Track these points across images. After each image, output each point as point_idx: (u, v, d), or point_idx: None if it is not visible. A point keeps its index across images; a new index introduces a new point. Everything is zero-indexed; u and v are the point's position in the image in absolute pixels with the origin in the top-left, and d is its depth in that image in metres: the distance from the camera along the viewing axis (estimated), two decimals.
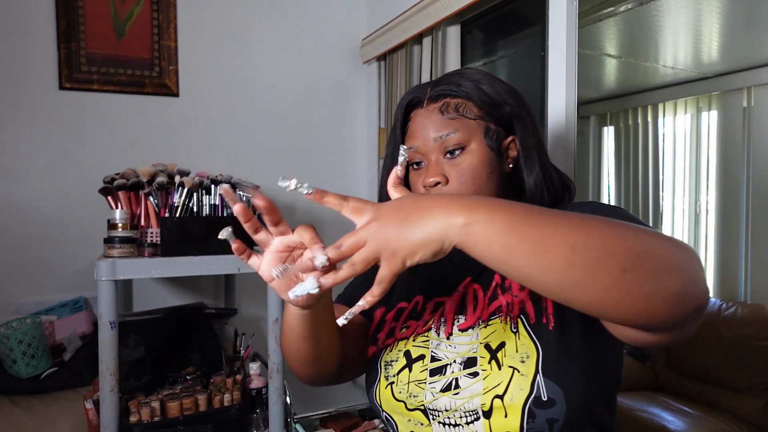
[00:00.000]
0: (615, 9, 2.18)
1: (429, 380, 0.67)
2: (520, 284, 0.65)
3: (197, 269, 1.24)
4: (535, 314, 0.66)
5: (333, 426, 1.50)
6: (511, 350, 0.64)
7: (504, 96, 0.75)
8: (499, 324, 0.67)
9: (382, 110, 2.23)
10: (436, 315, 0.73)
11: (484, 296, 0.71)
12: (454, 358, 0.67)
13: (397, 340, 0.75)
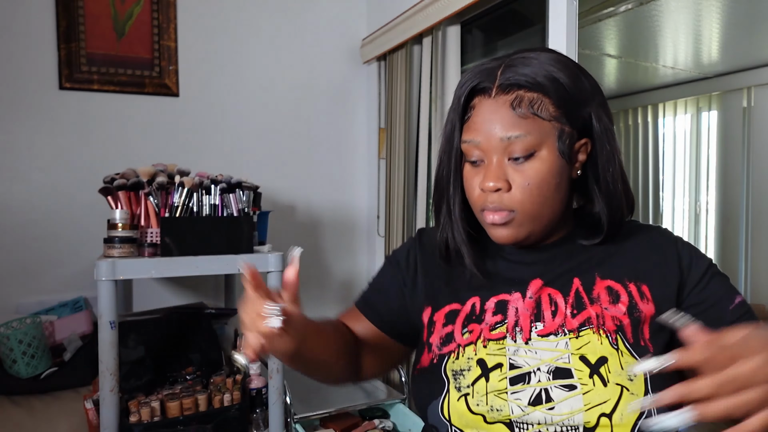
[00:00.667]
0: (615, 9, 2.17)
1: (510, 389, 0.62)
2: (611, 293, 0.65)
3: (197, 269, 1.24)
4: (633, 335, 0.63)
5: (333, 426, 1.50)
6: (615, 367, 0.60)
7: (586, 93, 0.66)
8: (593, 336, 0.63)
9: (382, 110, 2.23)
10: (510, 320, 0.67)
11: (565, 303, 0.66)
12: (536, 365, 0.62)
13: (461, 347, 0.67)
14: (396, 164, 2.03)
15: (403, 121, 2.00)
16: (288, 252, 0.59)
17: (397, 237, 2.02)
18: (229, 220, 1.28)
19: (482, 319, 0.68)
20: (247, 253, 1.30)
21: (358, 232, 2.40)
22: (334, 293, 2.35)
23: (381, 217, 2.25)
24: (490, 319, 0.67)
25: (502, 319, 0.67)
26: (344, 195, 2.36)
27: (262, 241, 1.52)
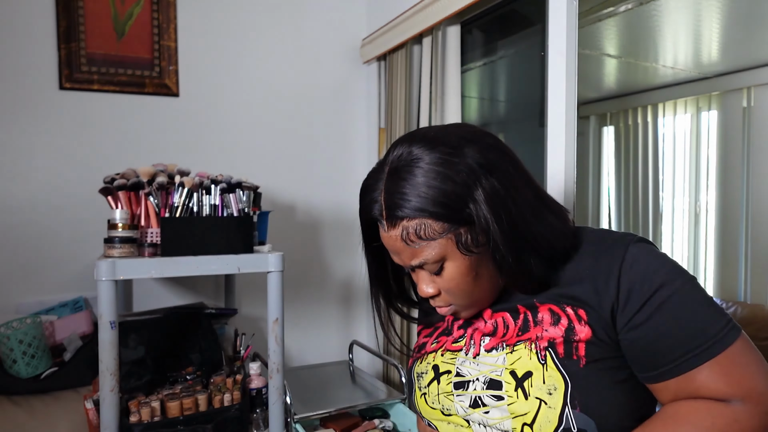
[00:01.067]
0: (615, 9, 2.17)
1: (455, 393, 0.74)
2: (552, 316, 0.70)
3: (197, 269, 1.24)
4: (565, 351, 0.67)
5: (333, 426, 1.50)
6: (537, 381, 0.66)
7: (462, 192, 0.65)
8: (524, 351, 0.69)
9: (382, 110, 2.23)
10: (467, 337, 0.78)
11: (514, 325, 0.73)
12: (476, 376, 0.72)
13: (426, 354, 0.82)
14: None
15: (403, 121, 2.00)
16: None
17: None
18: (229, 220, 1.28)
19: (451, 333, 0.81)
20: (247, 253, 1.30)
21: (358, 232, 2.39)
22: (334, 293, 2.35)
23: None
24: (456, 334, 0.80)
25: (463, 333, 0.79)
26: (344, 195, 2.36)
27: (262, 241, 1.52)
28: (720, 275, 3.22)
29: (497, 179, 0.67)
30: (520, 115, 1.92)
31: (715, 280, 3.26)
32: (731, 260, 3.15)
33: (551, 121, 1.36)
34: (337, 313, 2.35)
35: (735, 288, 3.12)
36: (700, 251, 3.34)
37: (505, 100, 2.04)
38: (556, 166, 1.35)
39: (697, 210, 3.38)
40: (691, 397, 0.63)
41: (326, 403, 1.54)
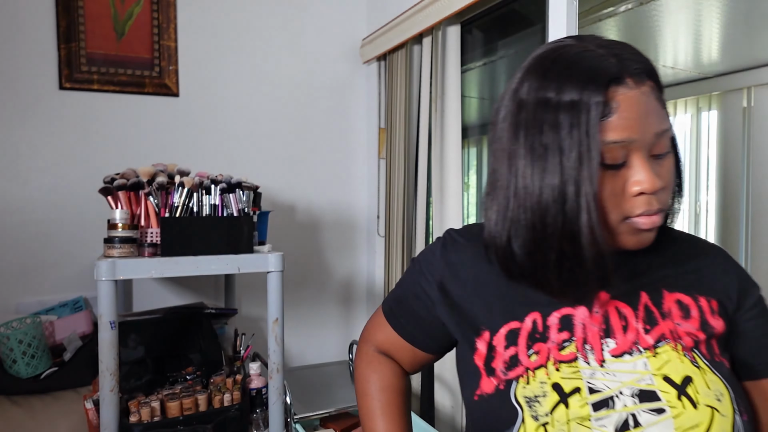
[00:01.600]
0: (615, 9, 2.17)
1: (594, 416, 0.56)
2: (681, 308, 0.61)
3: (197, 269, 1.24)
4: (708, 351, 0.60)
5: (333, 426, 1.50)
6: (702, 387, 0.57)
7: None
8: (672, 353, 0.59)
9: (382, 110, 2.23)
10: (578, 338, 0.60)
11: (636, 318, 0.61)
12: (618, 389, 0.57)
13: (530, 370, 0.60)
14: (396, 164, 2.03)
15: (403, 121, 2.00)
16: None
17: (397, 237, 2.02)
18: (229, 220, 1.28)
19: (547, 337, 0.61)
20: (247, 253, 1.30)
21: (358, 232, 2.40)
22: (334, 293, 2.35)
23: (381, 217, 2.25)
24: (556, 337, 0.61)
25: (569, 336, 0.60)
26: (344, 195, 2.36)
27: (262, 241, 1.52)
28: None
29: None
30: None
31: None
32: None
33: None
34: (337, 313, 2.35)
35: None
36: None
37: None
38: None
39: (697, 210, 3.38)
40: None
41: (326, 403, 1.54)
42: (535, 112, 0.56)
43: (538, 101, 0.56)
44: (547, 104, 0.55)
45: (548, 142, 0.55)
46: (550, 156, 0.55)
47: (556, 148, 0.55)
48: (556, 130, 0.55)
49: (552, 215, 0.55)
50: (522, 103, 0.58)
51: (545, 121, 0.55)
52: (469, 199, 2.27)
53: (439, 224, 1.81)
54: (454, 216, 1.77)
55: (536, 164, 0.56)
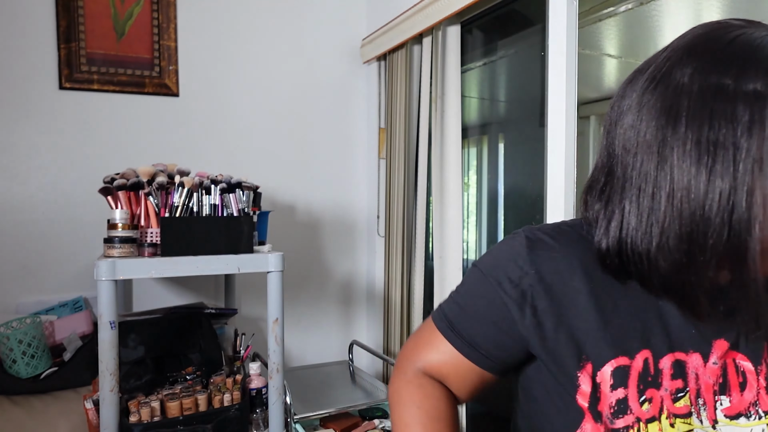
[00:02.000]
0: (615, 9, 2.17)
1: None
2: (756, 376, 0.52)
3: (197, 269, 1.24)
4: None
5: (333, 426, 1.50)
6: None
7: None
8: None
9: (382, 110, 2.23)
10: (692, 389, 0.52)
11: (756, 375, 0.52)
12: None
13: (641, 422, 0.51)
14: (396, 164, 2.03)
15: (403, 121, 2.00)
16: None
17: (397, 237, 2.02)
18: (229, 220, 1.28)
19: (659, 383, 0.52)
20: (247, 253, 1.30)
21: (358, 232, 2.40)
22: (334, 293, 2.35)
23: (381, 217, 2.25)
24: (670, 385, 0.52)
25: (683, 386, 0.52)
26: (344, 195, 2.36)
27: (262, 241, 1.52)
28: None
29: None
30: (520, 115, 1.92)
31: None
32: None
33: (551, 121, 1.36)
34: (337, 313, 2.35)
35: None
36: None
37: (505, 100, 2.04)
38: (556, 166, 1.35)
39: None
40: None
41: (326, 403, 1.54)
42: (703, 99, 0.46)
43: (709, 88, 0.46)
44: (721, 92, 0.45)
45: (719, 138, 0.45)
46: (720, 154, 0.45)
47: (730, 145, 0.45)
48: (731, 124, 0.45)
49: (716, 226, 0.45)
50: (681, 87, 0.47)
51: (717, 112, 0.45)
52: (469, 199, 2.27)
53: (439, 224, 1.81)
54: (454, 216, 1.77)
55: (702, 162, 0.45)
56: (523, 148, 1.85)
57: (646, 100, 0.49)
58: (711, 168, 0.45)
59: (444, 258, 1.79)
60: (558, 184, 1.34)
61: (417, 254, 1.97)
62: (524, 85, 1.88)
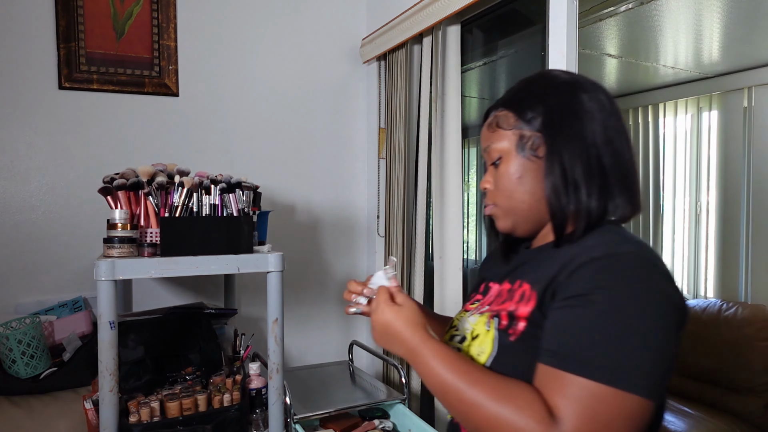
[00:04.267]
0: (615, 9, 2.17)
1: (450, 343, 0.86)
2: (521, 295, 0.76)
3: (197, 269, 1.24)
4: (508, 323, 0.75)
5: (333, 426, 1.49)
6: (477, 342, 0.78)
7: (537, 100, 0.76)
8: (485, 317, 0.80)
9: (382, 110, 2.23)
10: (483, 299, 0.87)
11: (504, 295, 0.80)
12: (461, 332, 0.85)
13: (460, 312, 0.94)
14: (396, 164, 2.03)
15: (403, 121, 1.99)
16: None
17: (397, 237, 2.02)
18: (229, 220, 1.28)
19: (474, 297, 0.92)
20: (246, 253, 1.30)
21: (358, 232, 2.40)
22: (334, 293, 2.35)
23: (381, 217, 2.25)
24: (477, 297, 0.90)
25: (481, 298, 0.89)
26: (344, 195, 2.36)
27: (261, 241, 1.52)
28: (720, 275, 3.22)
29: (585, 120, 0.74)
30: None
31: (715, 280, 3.26)
32: (732, 260, 3.14)
33: None
34: (337, 313, 2.35)
35: (736, 288, 3.12)
36: (700, 251, 3.34)
37: None
38: None
39: (697, 210, 3.38)
40: (544, 389, 0.64)
41: (326, 404, 1.54)
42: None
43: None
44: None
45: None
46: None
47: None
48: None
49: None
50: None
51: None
52: (469, 198, 2.26)
53: (439, 224, 1.81)
54: (454, 216, 1.77)
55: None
56: None
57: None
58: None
59: (444, 258, 1.79)
60: None
61: (417, 254, 1.96)
62: None
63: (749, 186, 3.06)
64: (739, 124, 3.11)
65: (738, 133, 3.12)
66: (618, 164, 0.74)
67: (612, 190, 0.74)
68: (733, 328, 2.62)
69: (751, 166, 3.05)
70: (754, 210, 3.04)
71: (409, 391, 1.74)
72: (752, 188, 3.04)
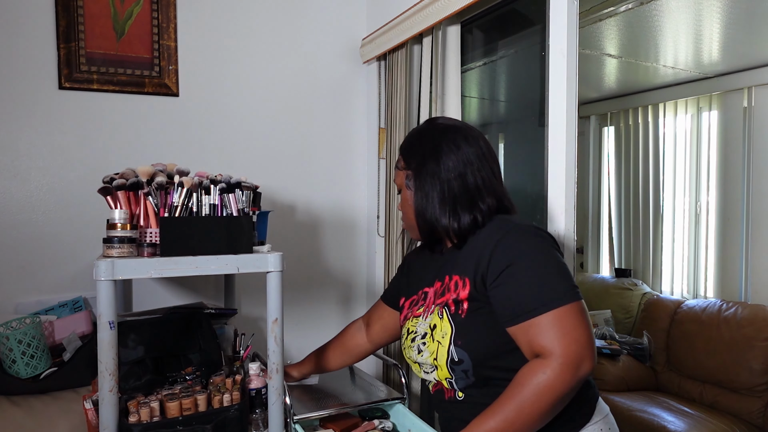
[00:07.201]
0: (615, 9, 2.17)
1: (412, 345, 1.12)
2: (455, 285, 1.04)
3: (197, 269, 1.24)
4: (455, 307, 1.03)
5: (333, 426, 1.49)
6: (438, 330, 1.04)
7: (413, 148, 1.12)
8: (438, 310, 1.07)
9: (382, 110, 2.23)
10: (425, 302, 1.13)
11: (440, 291, 1.08)
12: (420, 332, 1.10)
13: (406, 319, 1.18)
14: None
15: (403, 121, 1.99)
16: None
17: (397, 237, 2.02)
18: (229, 220, 1.28)
19: (417, 303, 1.17)
20: (246, 253, 1.30)
21: (358, 232, 2.40)
22: (334, 293, 2.35)
23: (381, 217, 2.25)
24: (420, 302, 1.16)
25: (423, 303, 1.14)
26: (344, 195, 2.36)
27: (261, 241, 1.52)
28: (720, 275, 3.22)
29: (441, 162, 1.06)
30: (520, 115, 1.91)
31: (715, 280, 3.26)
32: (732, 260, 3.14)
33: (551, 121, 1.35)
34: (337, 313, 2.35)
35: (736, 288, 3.12)
36: (700, 251, 3.34)
37: (505, 100, 2.03)
38: (556, 166, 1.35)
39: (697, 210, 3.38)
40: (529, 346, 0.92)
41: (326, 404, 1.54)
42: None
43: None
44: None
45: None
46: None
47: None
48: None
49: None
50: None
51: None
52: None
53: None
54: None
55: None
56: (523, 148, 1.85)
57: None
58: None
59: None
60: (559, 184, 1.34)
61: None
62: (524, 85, 1.87)
63: (749, 186, 3.06)
64: (739, 124, 3.11)
65: (738, 133, 3.12)
66: (466, 191, 1.04)
67: (461, 209, 1.05)
68: (733, 328, 2.63)
69: (751, 166, 3.05)
70: (753, 210, 3.04)
71: (409, 391, 1.74)
72: (752, 188, 3.04)
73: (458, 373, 1.02)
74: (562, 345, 0.87)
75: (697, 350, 2.75)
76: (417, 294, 1.17)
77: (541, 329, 0.90)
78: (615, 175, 3.90)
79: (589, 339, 0.89)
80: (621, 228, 3.83)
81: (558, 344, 0.88)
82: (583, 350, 0.88)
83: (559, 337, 0.88)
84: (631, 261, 3.73)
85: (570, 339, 0.88)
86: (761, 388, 2.50)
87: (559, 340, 0.88)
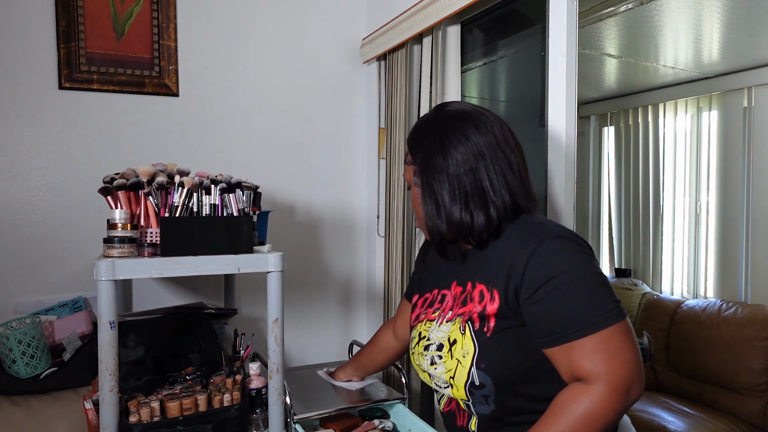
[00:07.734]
0: (615, 9, 2.17)
1: (424, 353, 1.01)
2: (480, 295, 0.94)
3: (197, 269, 1.24)
4: (480, 323, 0.92)
5: (333, 426, 1.49)
6: (458, 347, 0.93)
7: (418, 142, 1.00)
8: (457, 323, 0.95)
9: (382, 110, 2.23)
10: (442, 306, 1.03)
11: (461, 298, 0.98)
12: (435, 341, 0.99)
13: (418, 321, 1.09)
14: (396, 164, 2.03)
15: (403, 121, 1.99)
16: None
17: (397, 237, 2.02)
18: (229, 220, 1.28)
19: (433, 304, 1.08)
20: (247, 253, 1.30)
21: (358, 232, 2.40)
22: (334, 293, 2.35)
23: (381, 217, 2.25)
24: (436, 305, 1.06)
25: (439, 306, 1.05)
26: (344, 195, 2.36)
27: (261, 241, 1.52)
28: (720, 275, 3.22)
29: (449, 155, 0.94)
30: (520, 115, 1.91)
31: (715, 280, 3.26)
32: (732, 260, 3.14)
33: (551, 121, 1.35)
34: (337, 313, 2.35)
35: (736, 288, 3.12)
36: (700, 251, 3.34)
37: (505, 100, 2.03)
38: (556, 166, 1.35)
39: (697, 210, 3.38)
40: (570, 369, 0.83)
41: (326, 403, 1.54)
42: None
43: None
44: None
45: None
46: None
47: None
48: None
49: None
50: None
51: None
52: None
53: None
54: None
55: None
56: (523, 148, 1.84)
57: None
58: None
59: None
60: (558, 184, 1.34)
61: (417, 254, 1.96)
62: (524, 85, 1.87)
63: (749, 186, 3.06)
64: (739, 124, 3.11)
65: (738, 133, 3.12)
66: (479, 187, 0.93)
67: (474, 207, 0.93)
68: (733, 328, 2.63)
69: (751, 166, 3.05)
70: (753, 210, 3.04)
71: (409, 391, 1.74)
72: (752, 188, 3.04)
73: (477, 398, 0.92)
74: (611, 370, 0.79)
75: (697, 350, 2.75)
76: (431, 293, 1.08)
77: (586, 352, 0.80)
78: (615, 175, 3.90)
79: (638, 362, 0.80)
80: (621, 228, 3.83)
81: (605, 369, 0.79)
82: (633, 374, 0.79)
83: (606, 360, 0.79)
84: (631, 261, 3.73)
85: (619, 362, 0.79)
86: (761, 388, 2.50)
87: (606, 364, 0.79)
